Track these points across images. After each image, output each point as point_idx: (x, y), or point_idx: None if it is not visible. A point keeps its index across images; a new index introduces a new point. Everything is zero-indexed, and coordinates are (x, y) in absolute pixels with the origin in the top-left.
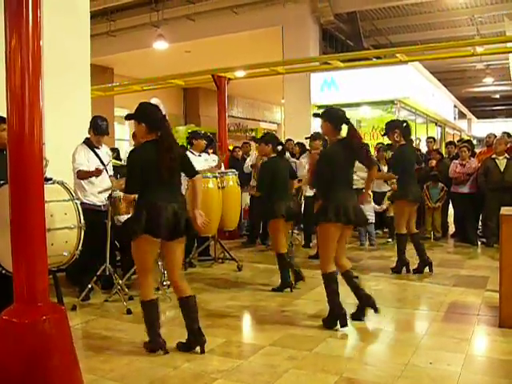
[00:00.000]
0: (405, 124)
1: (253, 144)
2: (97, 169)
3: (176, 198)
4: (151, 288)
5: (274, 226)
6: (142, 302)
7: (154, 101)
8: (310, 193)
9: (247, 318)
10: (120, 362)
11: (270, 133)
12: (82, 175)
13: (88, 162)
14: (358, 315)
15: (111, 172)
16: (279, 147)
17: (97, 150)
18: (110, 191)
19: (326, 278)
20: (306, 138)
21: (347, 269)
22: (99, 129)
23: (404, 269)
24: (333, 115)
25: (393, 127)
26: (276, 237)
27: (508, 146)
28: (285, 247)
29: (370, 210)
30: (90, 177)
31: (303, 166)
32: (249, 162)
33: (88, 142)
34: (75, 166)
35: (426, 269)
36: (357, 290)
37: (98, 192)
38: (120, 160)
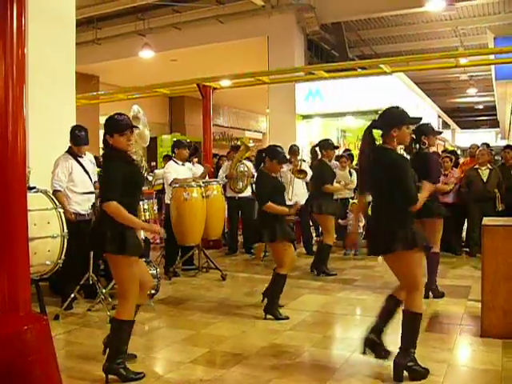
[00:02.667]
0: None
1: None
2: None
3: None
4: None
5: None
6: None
7: (134, 108)
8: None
9: (230, 328)
10: (102, 373)
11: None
12: (58, 198)
13: (71, 173)
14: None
15: (95, 178)
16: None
17: (80, 159)
18: (93, 196)
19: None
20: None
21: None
22: (77, 139)
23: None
24: None
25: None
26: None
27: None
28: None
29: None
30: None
31: (286, 174)
32: (222, 172)
33: (71, 151)
34: (53, 185)
35: None
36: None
37: (79, 192)
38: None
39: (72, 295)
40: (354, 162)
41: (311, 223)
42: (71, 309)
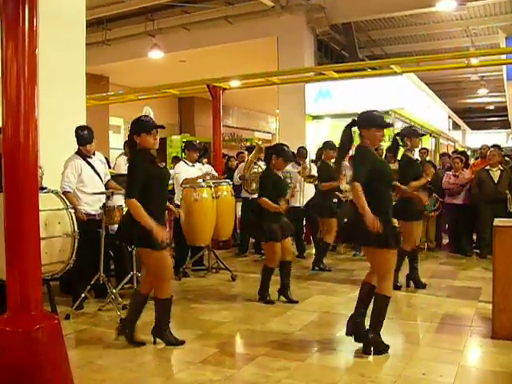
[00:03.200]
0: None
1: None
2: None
3: None
4: None
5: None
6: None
7: (145, 109)
8: (297, 203)
9: (240, 328)
10: (113, 372)
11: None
12: (68, 198)
13: (80, 174)
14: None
15: (108, 177)
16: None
17: (89, 160)
18: (103, 196)
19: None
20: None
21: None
22: (81, 139)
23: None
24: None
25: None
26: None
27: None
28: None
29: None
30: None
31: (296, 176)
32: (236, 174)
33: (80, 152)
34: (63, 186)
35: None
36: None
37: (89, 193)
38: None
39: (83, 295)
40: None
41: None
42: (82, 308)
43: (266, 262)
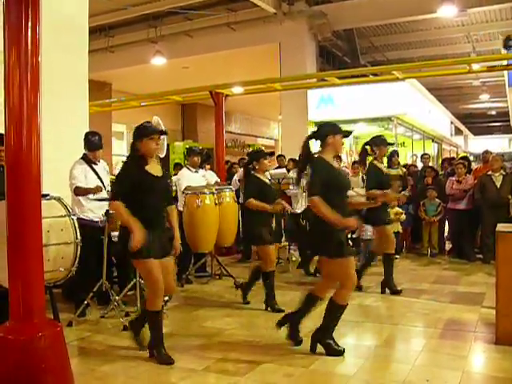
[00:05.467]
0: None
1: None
2: (98, 186)
3: None
4: None
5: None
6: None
7: (154, 119)
8: (299, 210)
9: (243, 335)
10: (115, 380)
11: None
12: (81, 192)
13: (85, 177)
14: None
15: (109, 187)
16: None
17: (94, 166)
18: (107, 203)
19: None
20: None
21: None
22: (92, 144)
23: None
24: None
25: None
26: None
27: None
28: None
29: (369, 227)
30: (89, 193)
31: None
32: (236, 177)
33: (85, 158)
34: (73, 182)
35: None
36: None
37: (92, 199)
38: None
39: (85, 302)
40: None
41: None
42: (84, 316)
43: (263, 267)
